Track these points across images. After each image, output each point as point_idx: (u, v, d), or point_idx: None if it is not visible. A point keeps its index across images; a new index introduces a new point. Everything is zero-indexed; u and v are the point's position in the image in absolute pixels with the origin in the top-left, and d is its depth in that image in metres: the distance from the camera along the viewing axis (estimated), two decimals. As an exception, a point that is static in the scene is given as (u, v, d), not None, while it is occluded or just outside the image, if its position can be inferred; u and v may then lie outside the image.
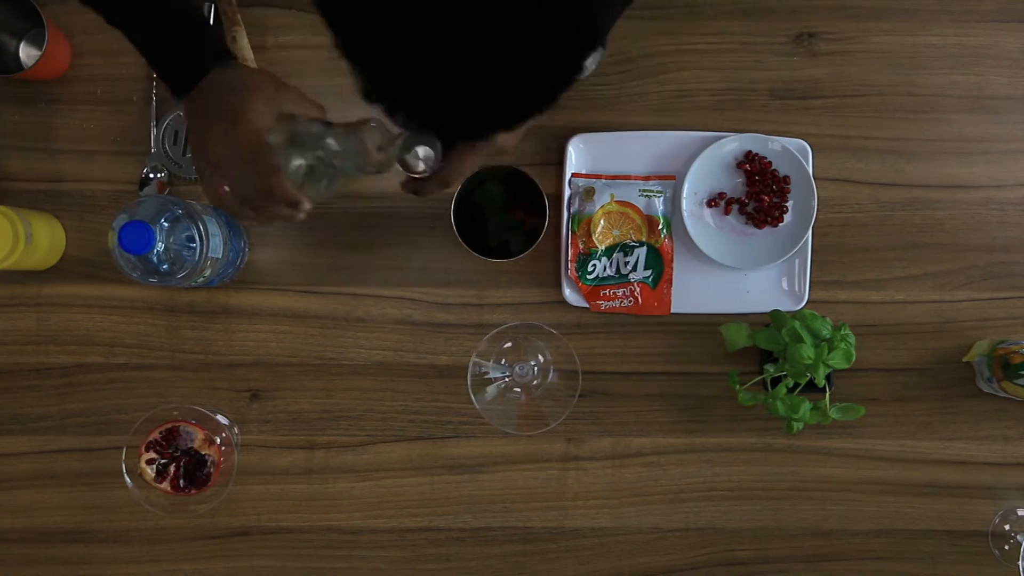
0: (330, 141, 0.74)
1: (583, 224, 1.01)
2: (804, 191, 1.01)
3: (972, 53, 1.05)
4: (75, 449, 1.01)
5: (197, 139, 0.76)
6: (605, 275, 1.02)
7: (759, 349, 1.00)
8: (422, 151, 0.75)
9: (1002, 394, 1.01)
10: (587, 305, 1.02)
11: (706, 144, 1.01)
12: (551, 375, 1.02)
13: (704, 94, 1.04)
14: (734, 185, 1.03)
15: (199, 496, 0.99)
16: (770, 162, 1.01)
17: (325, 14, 0.55)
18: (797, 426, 0.95)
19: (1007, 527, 1.04)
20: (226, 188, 0.76)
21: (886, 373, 1.04)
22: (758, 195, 1.01)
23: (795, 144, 1.02)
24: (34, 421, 1.01)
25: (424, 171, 0.75)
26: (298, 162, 0.75)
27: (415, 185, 0.84)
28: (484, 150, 0.83)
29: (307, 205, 0.76)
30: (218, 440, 1.00)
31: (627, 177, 1.02)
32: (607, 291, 1.02)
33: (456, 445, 1.03)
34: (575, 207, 1.02)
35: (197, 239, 0.89)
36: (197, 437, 1.00)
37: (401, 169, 0.75)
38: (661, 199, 1.02)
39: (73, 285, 1.01)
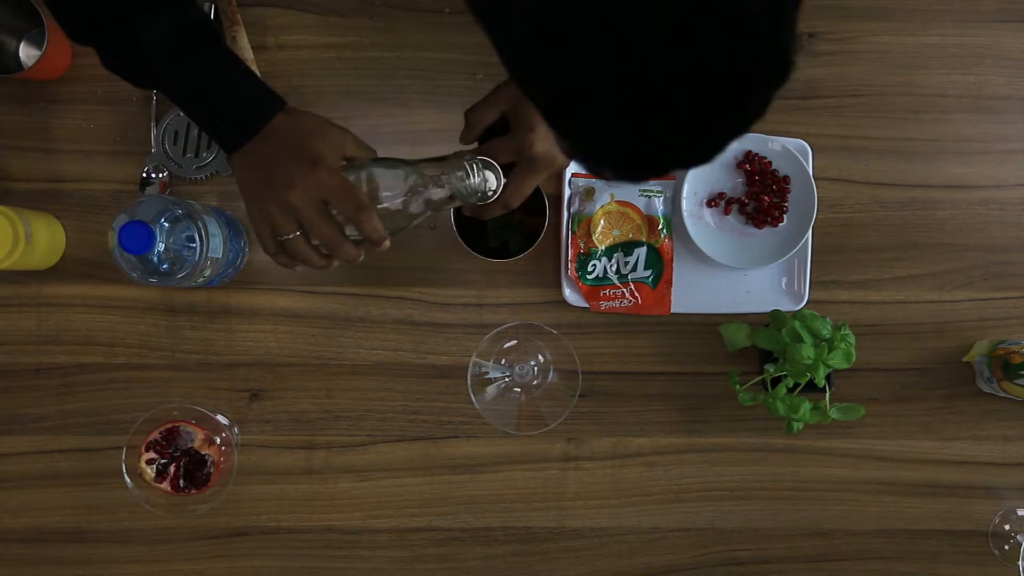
0: (414, 177, 0.74)
1: (583, 224, 1.01)
2: (804, 191, 1.01)
3: (972, 53, 1.05)
4: (75, 449, 1.01)
5: (265, 185, 0.74)
6: (605, 275, 1.02)
7: (759, 349, 1.00)
8: (492, 177, 0.76)
9: (1002, 394, 1.01)
10: (587, 305, 1.02)
11: (706, 144, 1.00)
12: (551, 375, 1.02)
13: (704, 94, 1.04)
14: (734, 185, 1.02)
15: (199, 496, 0.99)
16: (770, 162, 1.01)
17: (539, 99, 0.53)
18: (797, 426, 0.95)
19: (1007, 527, 1.04)
20: (297, 233, 0.75)
21: (886, 373, 1.04)
22: (758, 195, 1.01)
23: (795, 144, 1.02)
24: (34, 421, 1.01)
25: (492, 197, 0.77)
26: (391, 198, 0.75)
27: (478, 208, 0.84)
28: (545, 173, 0.83)
29: (388, 243, 0.76)
30: (218, 440, 1.00)
31: (627, 177, 1.02)
32: (607, 291, 1.02)
33: (456, 445, 1.03)
34: (575, 207, 1.02)
35: (197, 239, 0.89)
36: (197, 437, 1.00)
37: (467, 196, 0.76)
38: (661, 199, 1.02)
39: (73, 285, 1.01)
